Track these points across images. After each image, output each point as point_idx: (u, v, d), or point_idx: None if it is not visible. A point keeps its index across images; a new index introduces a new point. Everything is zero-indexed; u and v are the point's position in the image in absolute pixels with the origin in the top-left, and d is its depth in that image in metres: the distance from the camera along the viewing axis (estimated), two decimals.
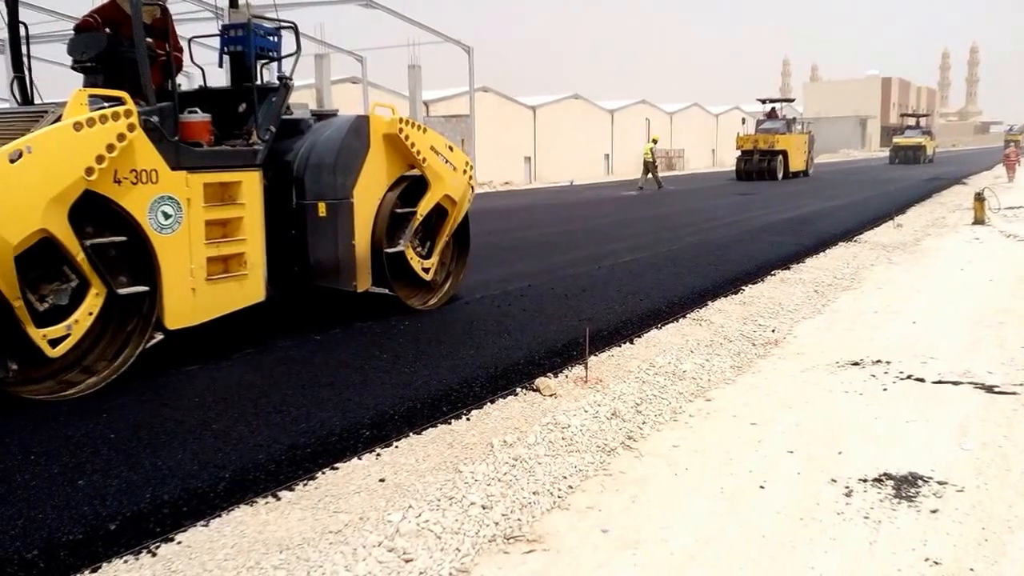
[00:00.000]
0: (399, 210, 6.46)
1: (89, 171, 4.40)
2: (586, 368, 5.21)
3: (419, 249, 6.71)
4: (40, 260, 4.38)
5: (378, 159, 6.27)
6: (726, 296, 7.72)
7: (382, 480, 3.61)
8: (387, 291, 6.51)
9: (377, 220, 6.27)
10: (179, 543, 3.06)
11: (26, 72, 5.65)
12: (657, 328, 6.46)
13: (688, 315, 6.92)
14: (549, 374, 5.11)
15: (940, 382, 5.12)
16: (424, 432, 4.18)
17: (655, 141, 26.09)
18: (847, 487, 3.59)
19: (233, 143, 5.59)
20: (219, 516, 3.25)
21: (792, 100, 35.57)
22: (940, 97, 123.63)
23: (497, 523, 3.25)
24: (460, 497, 3.41)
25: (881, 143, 78.18)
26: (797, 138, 30.58)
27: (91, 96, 4.63)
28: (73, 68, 5.60)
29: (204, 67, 6.34)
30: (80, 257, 4.47)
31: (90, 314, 4.60)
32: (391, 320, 6.25)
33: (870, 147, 77.67)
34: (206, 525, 3.19)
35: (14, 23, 5.59)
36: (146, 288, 4.86)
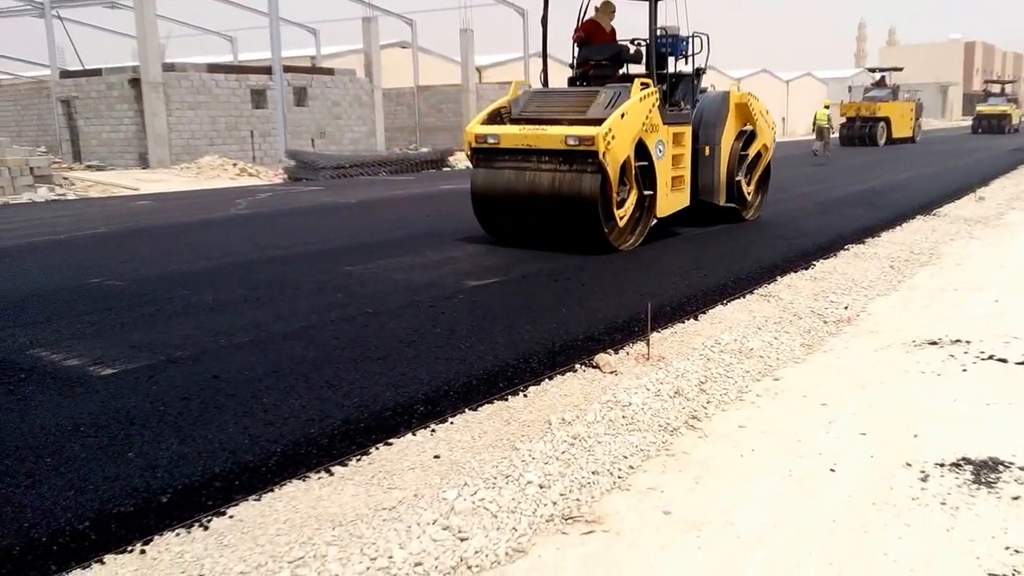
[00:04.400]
0: (740, 153, 9.89)
1: (642, 125, 7.92)
2: (648, 345, 5.05)
3: (745, 179, 10.12)
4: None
5: (732, 119, 9.74)
6: (796, 271, 7.45)
7: (437, 457, 3.54)
8: (732, 205, 9.91)
9: (730, 159, 9.73)
10: (231, 517, 3.04)
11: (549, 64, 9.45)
12: (723, 304, 6.25)
13: (755, 291, 6.69)
14: (609, 350, 4.96)
15: None
16: (480, 408, 4.09)
17: (827, 106, 25.19)
18: (923, 471, 3.38)
19: (672, 109, 8.72)
20: (271, 491, 3.22)
21: (900, 69, 35.45)
22: None
23: (555, 503, 3.14)
24: (517, 475, 3.31)
25: (963, 111, 74.89)
26: (902, 105, 31.92)
27: (641, 82, 7.97)
28: (580, 64, 9.02)
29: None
30: (632, 173, 7.97)
31: (631, 205, 8.07)
32: (445, 294, 6.21)
33: (951, 116, 74.50)
34: (258, 499, 3.16)
35: (544, 36, 9.38)
36: (652, 192, 8.29)
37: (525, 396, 4.30)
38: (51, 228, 11.03)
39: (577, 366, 4.73)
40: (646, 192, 8.26)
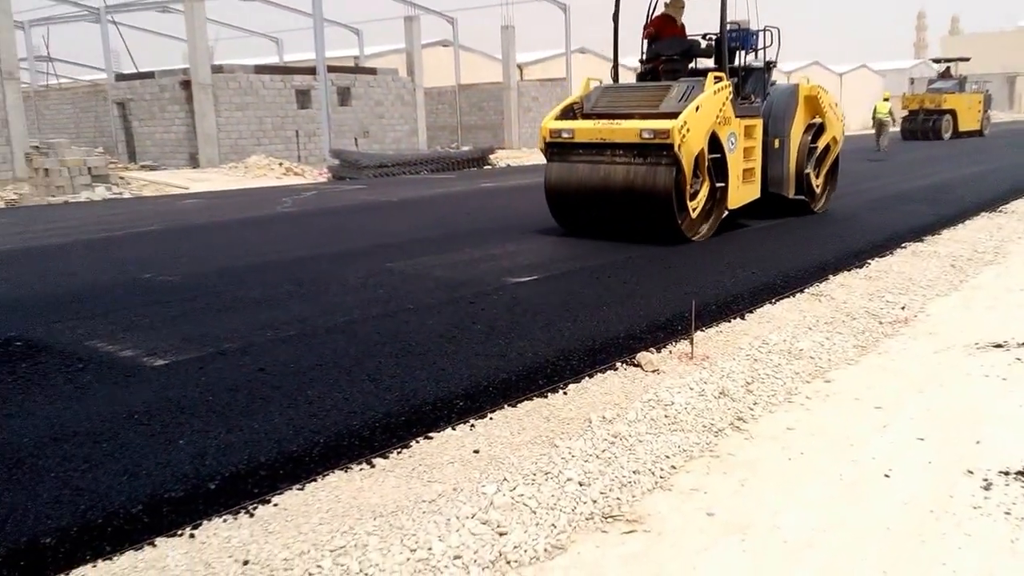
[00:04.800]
0: (809, 145, 10.01)
1: (716, 118, 8.05)
2: (692, 343, 4.95)
3: (814, 172, 10.28)
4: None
5: (801, 112, 9.83)
6: (850, 269, 7.23)
7: (476, 451, 3.53)
8: (801, 197, 10.06)
9: (799, 151, 9.85)
10: (275, 505, 3.07)
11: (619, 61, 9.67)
12: (771, 303, 6.10)
13: (806, 290, 6.51)
14: (651, 349, 4.88)
15: None
16: (519, 405, 4.06)
17: (887, 99, 24.59)
18: (986, 479, 3.23)
19: (744, 102, 8.86)
20: (314, 480, 3.25)
21: (967, 59, 34.03)
22: None
23: (595, 501, 3.10)
24: (556, 472, 3.27)
25: None
26: (968, 97, 30.54)
27: (714, 76, 8.11)
28: (651, 59, 9.27)
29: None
30: (705, 165, 8.14)
31: (704, 197, 8.28)
32: (485, 290, 6.20)
33: (1020, 107, 72.12)
34: (301, 489, 3.19)
35: (616, 33, 9.52)
36: (723, 184, 8.44)
37: (565, 393, 4.25)
38: (107, 225, 11.35)
39: (618, 364, 4.66)
40: (718, 184, 8.41)
